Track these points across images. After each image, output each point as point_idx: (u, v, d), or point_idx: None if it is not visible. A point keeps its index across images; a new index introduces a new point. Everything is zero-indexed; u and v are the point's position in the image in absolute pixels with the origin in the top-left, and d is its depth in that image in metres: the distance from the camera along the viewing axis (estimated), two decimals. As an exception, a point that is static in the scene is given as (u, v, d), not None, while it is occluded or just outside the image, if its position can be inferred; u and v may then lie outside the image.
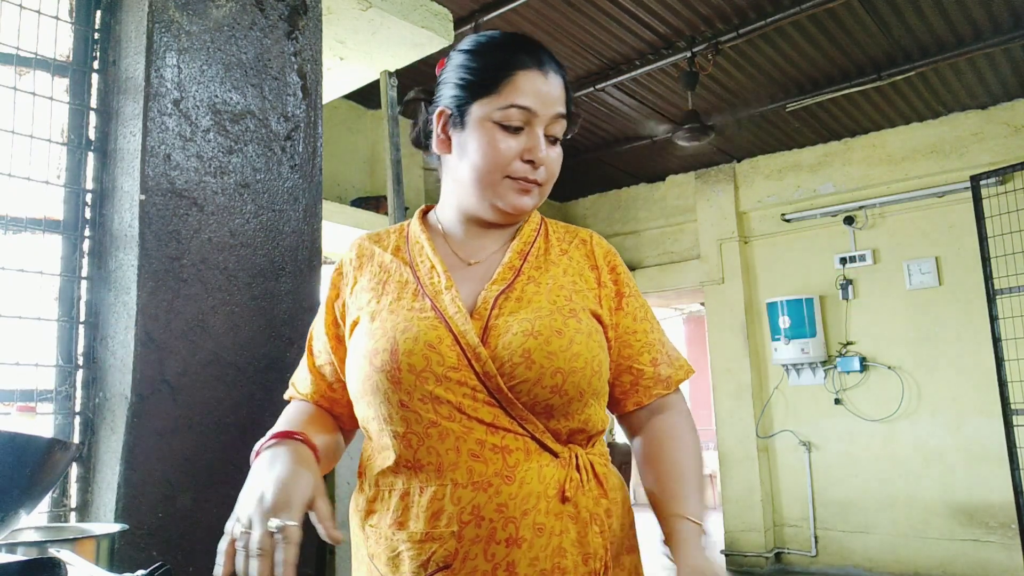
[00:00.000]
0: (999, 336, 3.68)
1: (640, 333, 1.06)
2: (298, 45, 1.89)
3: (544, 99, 0.98)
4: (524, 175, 0.99)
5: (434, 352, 0.91)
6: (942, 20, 3.70)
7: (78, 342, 1.58)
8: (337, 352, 1.05)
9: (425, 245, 1.04)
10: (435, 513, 0.89)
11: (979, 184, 3.85)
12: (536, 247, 1.06)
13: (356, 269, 1.07)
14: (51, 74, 1.63)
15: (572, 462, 0.94)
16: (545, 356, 0.91)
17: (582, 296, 1.01)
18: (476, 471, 0.89)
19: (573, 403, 0.94)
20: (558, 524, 0.90)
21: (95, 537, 1.15)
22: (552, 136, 1.01)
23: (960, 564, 4.60)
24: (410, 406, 0.90)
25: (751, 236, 5.64)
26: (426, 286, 0.99)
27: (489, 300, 0.97)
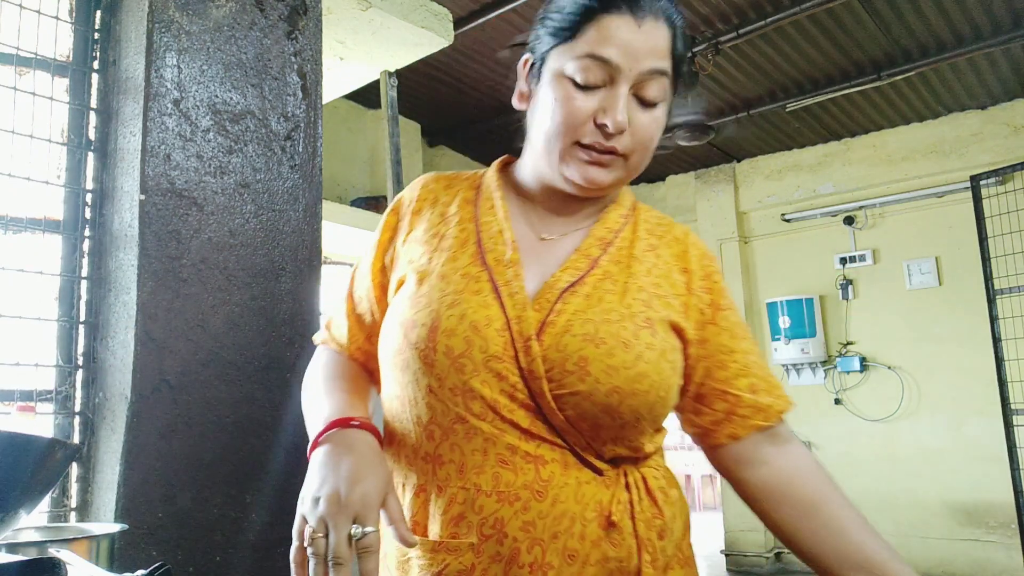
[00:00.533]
0: (999, 336, 3.68)
1: (739, 354, 0.90)
2: (298, 45, 1.89)
3: (633, 51, 0.80)
4: (595, 142, 0.82)
5: (478, 335, 0.78)
6: (942, 20, 3.70)
7: (78, 342, 1.58)
8: (380, 302, 0.91)
9: (497, 204, 0.89)
10: (454, 519, 0.78)
11: (979, 184, 3.85)
12: (621, 237, 0.89)
13: (415, 213, 0.92)
14: (51, 74, 1.63)
15: (619, 480, 0.81)
16: (604, 370, 0.77)
17: (664, 303, 0.85)
18: (503, 479, 0.77)
19: (626, 428, 0.80)
20: (594, 552, 0.77)
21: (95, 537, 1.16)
22: (646, 99, 0.82)
23: (960, 564, 4.60)
24: (438, 394, 0.79)
25: (751, 236, 5.64)
26: (487, 251, 0.85)
27: (556, 289, 0.82)
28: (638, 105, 0.83)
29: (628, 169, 0.85)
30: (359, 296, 0.95)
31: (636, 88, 0.82)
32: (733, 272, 5.58)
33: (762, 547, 5.21)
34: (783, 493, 0.88)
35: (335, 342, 0.97)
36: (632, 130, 0.82)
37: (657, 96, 0.83)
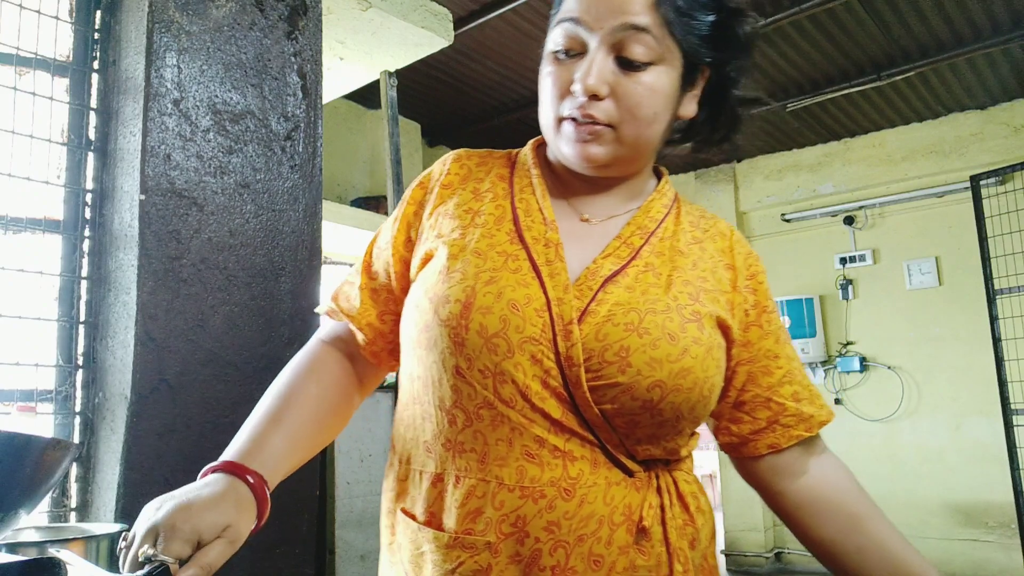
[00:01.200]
0: (999, 336, 3.68)
1: (783, 359, 0.86)
2: (298, 45, 1.89)
3: (600, 4, 0.75)
4: (572, 113, 0.76)
5: (516, 315, 0.72)
6: (942, 20, 3.70)
7: (78, 342, 1.58)
8: (402, 278, 0.86)
9: (535, 182, 0.84)
10: (471, 512, 0.72)
11: (979, 184, 3.85)
12: (664, 228, 0.84)
13: (444, 187, 0.86)
14: (51, 74, 1.63)
15: (651, 483, 0.76)
16: (647, 362, 0.72)
17: (711, 298, 0.80)
18: (528, 474, 0.71)
19: (665, 427, 0.75)
20: (622, 559, 0.72)
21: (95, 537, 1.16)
22: (629, 59, 0.75)
23: (959, 564, 4.60)
24: (467, 375, 0.73)
25: (751, 236, 5.64)
26: (525, 231, 0.79)
27: (599, 276, 0.77)
28: (622, 69, 0.76)
29: (623, 142, 0.78)
30: (376, 270, 0.89)
31: (616, 49, 0.76)
32: (733, 272, 5.58)
33: (762, 547, 5.21)
34: (825, 507, 0.85)
35: (344, 314, 0.89)
36: (617, 96, 0.76)
37: (641, 55, 0.75)
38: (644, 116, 0.77)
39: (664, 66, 0.77)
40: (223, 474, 0.72)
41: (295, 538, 1.64)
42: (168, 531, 0.64)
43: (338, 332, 0.91)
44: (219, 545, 0.65)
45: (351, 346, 0.91)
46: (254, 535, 0.72)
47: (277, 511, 0.99)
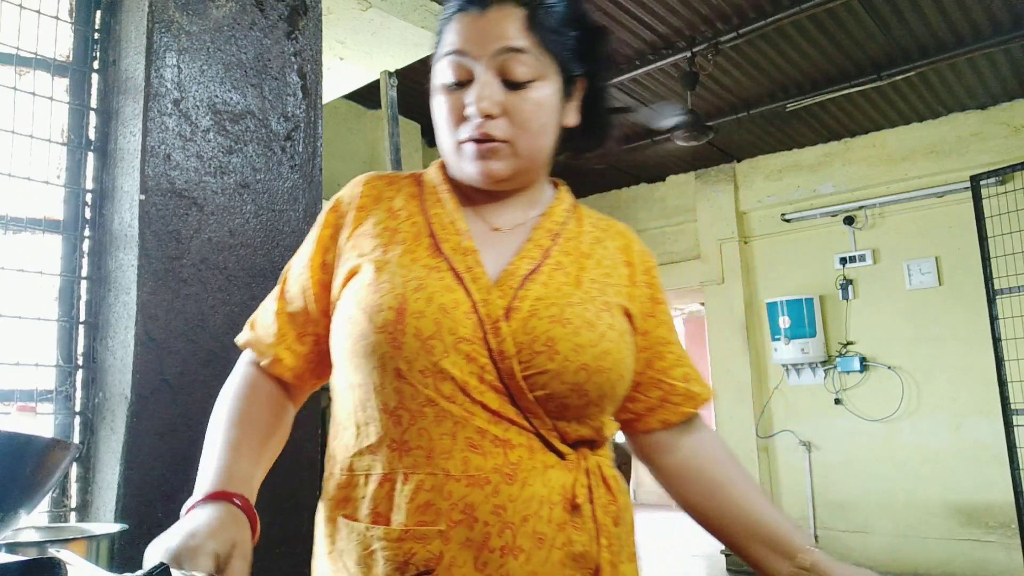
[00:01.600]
0: (999, 336, 3.68)
1: (674, 345, 0.96)
2: (298, 45, 1.89)
3: (478, 35, 0.83)
4: (471, 135, 0.83)
5: (447, 317, 0.78)
6: (942, 20, 3.70)
7: (78, 342, 1.58)
8: (320, 300, 0.90)
9: (444, 197, 0.90)
10: (421, 506, 0.76)
11: (979, 184, 3.85)
12: (568, 230, 0.92)
13: (359, 210, 0.91)
14: (51, 74, 1.63)
15: (581, 465, 0.83)
16: (572, 348, 0.79)
17: (616, 291, 0.89)
18: (473, 463, 0.77)
19: (591, 407, 0.82)
20: (560, 535, 0.79)
21: (95, 537, 1.16)
22: (512, 79, 0.83)
23: (960, 564, 4.60)
24: (408, 377, 0.78)
25: (751, 236, 5.64)
26: (443, 243, 0.85)
27: (518, 276, 0.83)
28: (509, 89, 0.83)
29: (520, 156, 0.85)
30: (292, 295, 0.93)
31: (500, 72, 0.83)
32: (733, 272, 5.58)
33: (762, 547, 5.21)
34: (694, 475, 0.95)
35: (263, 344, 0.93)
36: (508, 114, 0.83)
37: (523, 74, 0.83)
38: (535, 128, 0.85)
39: (545, 81, 0.85)
40: (211, 503, 0.76)
41: (295, 538, 1.64)
42: (189, 553, 0.67)
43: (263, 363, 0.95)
44: (237, 561, 0.70)
45: None
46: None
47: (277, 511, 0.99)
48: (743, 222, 5.67)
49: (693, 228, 5.88)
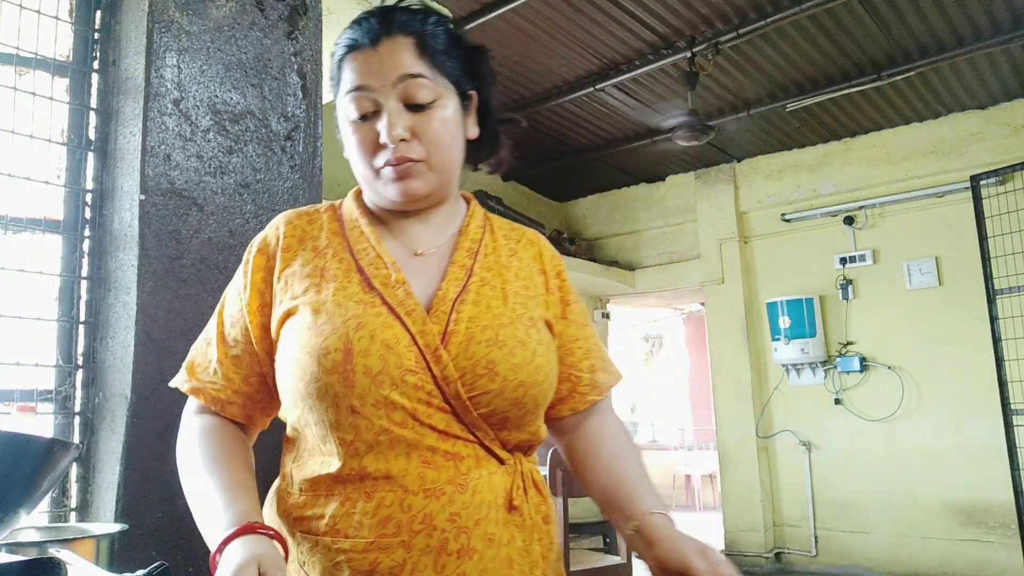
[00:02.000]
0: (999, 336, 3.68)
1: (582, 340, 1.03)
2: (298, 45, 1.89)
3: (376, 69, 0.88)
4: (388, 160, 0.89)
5: (392, 353, 0.83)
6: (942, 20, 3.70)
7: (78, 342, 1.58)
8: (262, 342, 0.92)
9: (366, 230, 0.94)
10: (382, 521, 0.82)
11: (979, 184, 3.85)
12: (484, 245, 0.98)
13: (285, 251, 0.94)
14: (51, 74, 1.63)
15: (517, 469, 0.91)
16: (509, 368, 0.86)
17: (535, 303, 0.96)
18: (428, 478, 0.83)
19: (528, 415, 0.90)
20: (505, 534, 0.87)
21: (95, 537, 1.16)
22: (415, 103, 0.89)
23: (960, 564, 4.60)
24: (362, 412, 0.83)
25: (751, 236, 5.64)
26: (372, 277, 0.89)
27: (448, 301, 0.89)
28: (414, 112, 0.89)
29: (436, 171, 0.91)
30: (233, 339, 0.94)
31: (404, 99, 0.89)
32: (733, 272, 5.58)
33: (762, 547, 5.21)
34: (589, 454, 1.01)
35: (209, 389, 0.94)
36: (418, 135, 0.89)
37: (425, 97, 0.89)
38: (445, 144, 0.91)
39: (445, 100, 0.92)
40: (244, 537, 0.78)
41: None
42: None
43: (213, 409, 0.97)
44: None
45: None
46: None
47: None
48: (743, 222, 5.67)
49: (693, 228, 5.88)
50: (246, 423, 0.97)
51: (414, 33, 0.91)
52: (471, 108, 0.98)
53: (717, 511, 6.48)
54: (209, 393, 0.95)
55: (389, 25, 0.90)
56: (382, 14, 0.92)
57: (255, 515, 0.82)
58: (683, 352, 9.68)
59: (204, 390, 0.95)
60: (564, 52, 4.01)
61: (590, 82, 4.32)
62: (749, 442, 5.39)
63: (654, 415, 9.89)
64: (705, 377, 6.05)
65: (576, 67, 4.19)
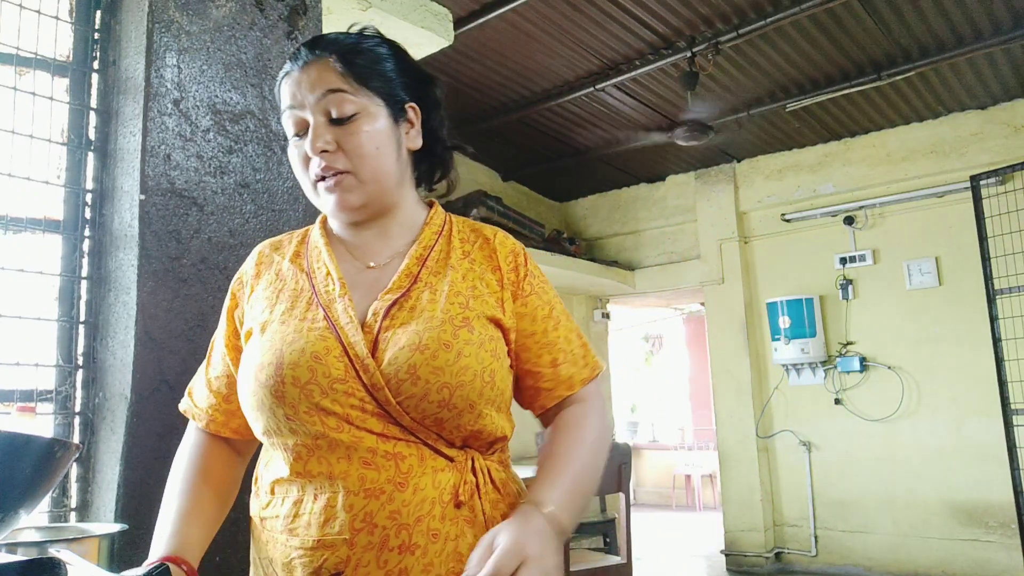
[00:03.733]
0: (999, 336, 3.68)
1: (539, 334, 1.01)
2: (298, 45, 1.89)
3: (300, 89, 0.95)
4: (317, 174, 0.95)
5: (320, 364, 0.88)
6: (942, 20, 3.70)
7: (78, 342, 1.58)
8: (236, 364, 1.01)
9: (323, 250, 1.00)
10: (327, 520, 0.87)
11: (979, 184, 3.85)
12: (436, 251, 1.00)
13: (254, 278, 1.04)
14: (51, 74, 1.63)
15: (468, 466, 0.92)
16: (431, 371, 0.88)
17: (480, 302, 0.97)
18: (368, 478, 0.87)
19: (464, 415, 0.91)
20: (453, 529, 0.89)
21: (95, 537, 1.16)
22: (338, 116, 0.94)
23: (960, 564, 4.60)
24: (295, 419, 0.88)
25: (751, 236, 5.64)
26: (320, 294, 0.95)
27: (380, 311, 0.93)
28: (337, 126, 0.94)
29: (365, 182, 0.95)
30: (215, 362, 1.05)
31: (326, 114, 0.94)
32: (733, 272, 5.58)
33: (762, 547, 5.21)
34: (541, 450, 1.02)
35: (197, 408, 1.06)
36: (342, 146, 0.94)
37: (345, 110, 0.94)
38: (370, 153, 0.95)
39: (368, 111, 0.95)
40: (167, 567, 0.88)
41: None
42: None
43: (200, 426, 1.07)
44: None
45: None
46: None
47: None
48: (743, 222, 5.67)
49: (693, 228, 5.88)
50: (235, 436, 1.06)
51: (336, 51, 0.97)
52: (410, 120, 1.01)
53: (717, 511, 6.49)
54: (196, 412, 1.06)
55: (314, 47, 0.97)
56: (312, 40, 0.99)
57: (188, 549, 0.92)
58: (683, 352, 9.67)
59: (192, 410, 1.07)
60: (564, 52, 4.00)
61: (590, 82, 4.32)
62: (749, 442, 5.39)
63: (654, 415, 9.89)
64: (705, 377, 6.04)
65: (576, 67, 4.19)
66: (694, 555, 5.92)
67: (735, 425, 5.47)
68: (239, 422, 1.02)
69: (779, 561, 5.28)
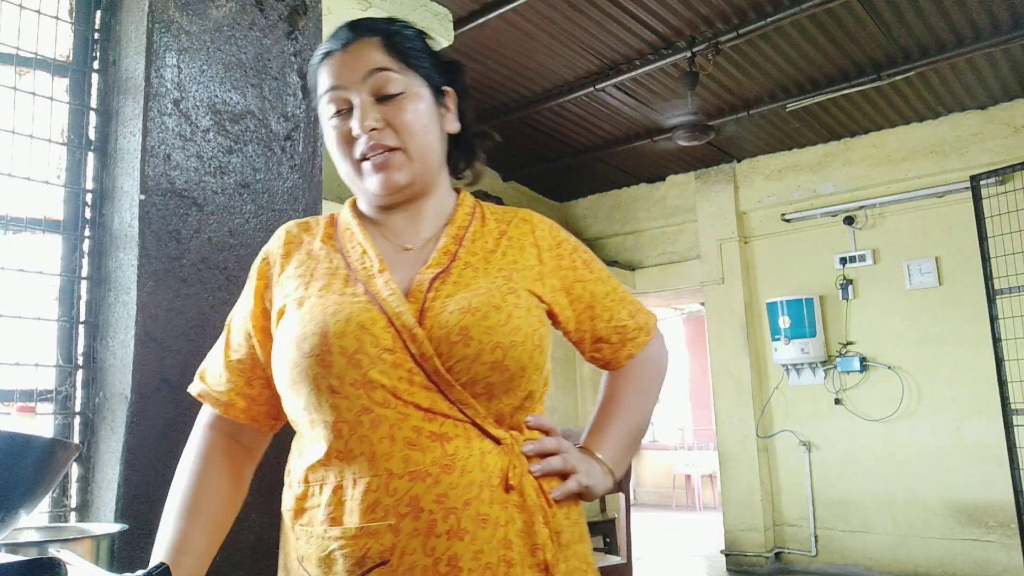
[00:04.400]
0: (999, 336, 3.68)
1: (611, 292, 1.07)
2: (298, 45, 1.89)
3: (346, 68, 0.95)
4: (363, 151, 0.94)
5: (367, 333, 0.86)
6: (942, 20, 3.70)
7: (78, 342, 1.58)
8: (264, 346, 0.98)
9: (356, 231, 0.99)
10: (370, 506, 0.83)
11: (979, 184, 3.85)
12: (471, 231, 1.01)
13: (284, 257, 1.01)
14: (51, 74, 1.63)
15: (515, 449, 0.90)
16: (484, 331, 0.87)
17: (522, 275, 0.97)
18: (413, 460, 0.83)
19: (515, 379, 0.89)
20: (503, 514, 0.85)
21: (95, 537, 1.16)
22: (385, 94, 0.94)
23: (960, 564, 4.60)
24: (341, 391, 0.85)
25: (751, 236, 5.64)
26: (357, 271, 0.94)
27: (424, 282, 0.92)
28: (384, 104, 0.94)
29: (413, 158, 0.95)
30: (237, 343, 1.01)
31: (373, 92, 0.94)
32: (733, 272, 5.58)
33: (762, 547, 5.21)
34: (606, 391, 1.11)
35: (214, 392, 1.01)
36: (391, 123, 0.94)
37: (393, 88, 0.94)
38: (419, 129, 0.95)
39: (414, 91, 0.96)
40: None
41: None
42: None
43: (217, 412, 1.02)
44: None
45: (231, 423, 1.02)
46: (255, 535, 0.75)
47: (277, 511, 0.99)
48: (743, 222, 5.67)
49: (693, 228, 5.88)
50: (251, 424, 1.01)
51: (380, 32, 0.97)
52: (448, 104, 1.02)
53: (717, 511, 6.49)
54: (214, 396, 1.01)
55: (357, 29, 0.97)
56: (351, 22, 0.99)
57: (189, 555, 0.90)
58: (683, 352, 9.68)
59: (210, 394, 1.01)
60: (564, 52, 4.00)
61: (590, 82, 4.32)
62: (749, 442, 5.39)
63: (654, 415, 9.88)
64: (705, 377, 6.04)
65: (576, 67, 4.19)
66: (694, 555, 5.92)
67: (735, 425, 5.47)
68: (258, 409, 1.00)
69: (779, 561, 5.28)
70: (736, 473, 5.43)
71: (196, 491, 0.96)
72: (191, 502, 0.95)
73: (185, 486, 0.97)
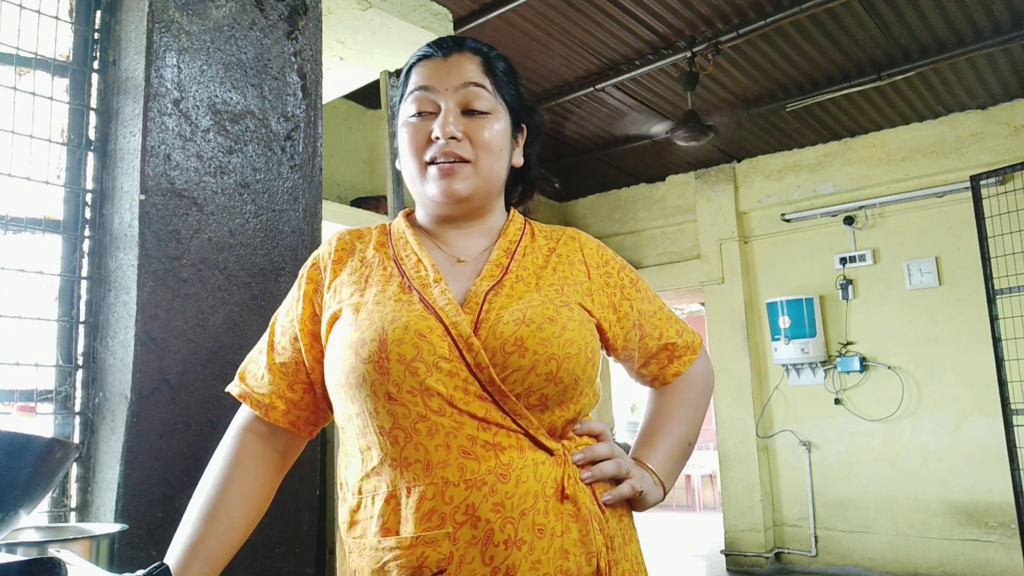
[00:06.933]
0: (999, 336, 3.68)
1: (659, 311, 1.09)
2: (298, 45, 1.89)
3: (443, 74, 0.97)
4: (436, 155, 0.95)
5: (425, 341, 0.87)
6: (942, 20, 3.70)
7: (78, 342, 1.58)
8: (311, 350, 0.98)
9: (411, 240, 1.01)
10: (426, 514, 0.83)
11: (979, 184, 3.85)
12: (522, 245, 1.03)
13: (336, 263, 1.02)
14: (51, 74, 1.63)
15: (567, 459, 0.91)
16: (539, 343, 0.88)
17: (572, 290, 0.99)
18: (468, 468, 0.83)
19: (568, 391, 0.90)
20: (559, 525, 0.86)
21: (95, 537, 1.16)
22: (473, 109, 0.97)
23: (960, 564, 4.60)
24: (398, 399, 0.85)
25: (751, 236, 5.64)
26: (413, 280, 0.95)
27: (480, 294, 0.93)
28: (469, 117, 0.97)
29: (480, 174, 0.97)
30: (282, 346, 1.01)
31: (462, 104, 0.97)
32: (733, 272, 5.58)
33: (762, 547, 5.21)
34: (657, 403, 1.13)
35: (256, 395, 1.01)
36: (470, 137, 0.96)
37: (483, 106, 0.97)
38: (494, 150, 0.98)
39: (498, 115, 1.00)
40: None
41: (295, 538, 1.64)
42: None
43: (256, 414, 1.02)
44: None
45: (268, 426, 1.02)
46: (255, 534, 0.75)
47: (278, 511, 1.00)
48: (743, 222, 5.67)
49: (693, 228, 5.88)
50: (290, 428, 1.02)
51: (482, 53, 1.01)
52: (520, 138, 1.06)
53: (717, 511, 6.49)
54: (255, 397, 1.01)
55: (461, 43, 1.01)
56: (454, 36, 1.03)
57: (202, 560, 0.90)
58: (683, 352, 9.64)
59: (251, 395, 1.01)
60: (564, 52, 4.00)
61: (590, 82, 4.32)
62: (749, 442, 5.39)
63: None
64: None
65: (576, 67, 4.19)
66: (694, 555, 5.92)
67: (735, 425, 5.47)
68: (298, 413, 1.00)
69: (779, 561, 5.27)
70: (736, 473, 5.43)
71: (219, 495, 0.95)
72: (212, 506, 0.94)
73: (209, 489, 0.96)
